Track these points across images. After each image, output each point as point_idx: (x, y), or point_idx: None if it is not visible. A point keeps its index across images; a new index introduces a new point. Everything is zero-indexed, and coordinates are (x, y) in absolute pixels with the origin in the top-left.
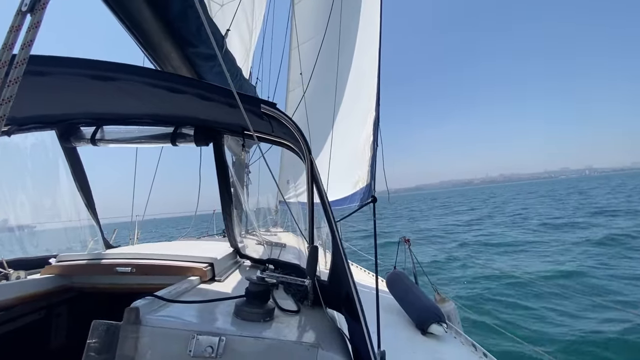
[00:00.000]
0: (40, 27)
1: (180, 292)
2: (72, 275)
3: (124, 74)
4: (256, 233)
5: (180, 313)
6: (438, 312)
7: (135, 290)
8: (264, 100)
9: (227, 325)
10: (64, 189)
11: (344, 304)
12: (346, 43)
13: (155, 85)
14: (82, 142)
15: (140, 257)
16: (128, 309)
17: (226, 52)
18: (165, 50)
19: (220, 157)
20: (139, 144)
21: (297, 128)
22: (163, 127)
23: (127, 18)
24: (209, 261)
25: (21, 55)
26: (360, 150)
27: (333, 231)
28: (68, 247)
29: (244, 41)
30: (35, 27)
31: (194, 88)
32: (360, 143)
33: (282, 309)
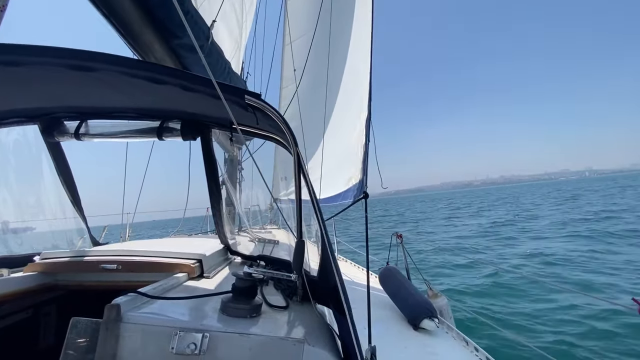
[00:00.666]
0: (5, 11)
1: (166, 288)
2: (57, 273)
3: (102, 64)
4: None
5: (164, 310)
6: (430, 307)
7: (122, 287)
8: (248, 91)
9: (212, 322)
10: (49, 185)
11: (332, 300)
12: (338, 40)
13: (134, 75)
14: (66, 137)
15: (127, 254)
16: (109, 305)
17: (212, 43)
18: (147, 41)
19: (208, 152)
20: (124, 138)
21: (282, 119)
22: (149, 121)
23: (106, 6)
24: (198, 257)
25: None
26: (353, 147)
27: (321, 226)
28: (54, 245)
29: (233, 35)
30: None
31: (176, 78)
32: (352, 140)
33: (270, 305)
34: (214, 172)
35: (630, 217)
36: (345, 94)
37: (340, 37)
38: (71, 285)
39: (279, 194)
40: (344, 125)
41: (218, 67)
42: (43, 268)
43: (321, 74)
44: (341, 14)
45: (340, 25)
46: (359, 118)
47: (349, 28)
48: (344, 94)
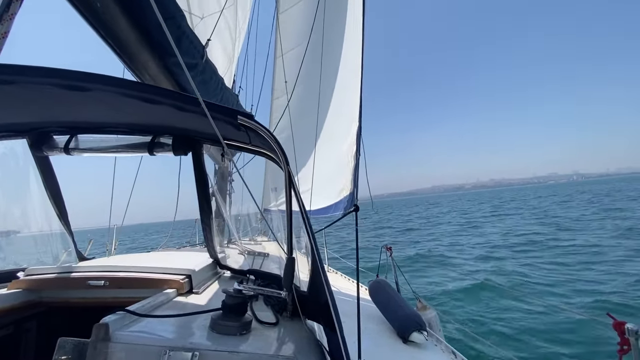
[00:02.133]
0: (7, 37)
1: (154, 305)
2: (42, 290)
3: (95, 84)
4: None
5: (153, 328)
6: (419, 320)
7: (109, 304)
8: (241, 112)
9: (201, 340)
10: (35, 200)
11: (322, 315)
12: (330, 53)
13: (127, 95)
14: (55, 151)
15: (114, 270)
16: (97, 325)
17: (207, 61)
18: (142, 60)
19: (199, 167)
20: (114, 153)
21: (274, 139)
22: (140, 136)
23: (103, 28)
24: (187, 273)
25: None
26: (344, 159)
27: (311, 240)
28: (39, 260)
29: (226, 51)
30: (3, 37)
31: (168, 98)
32: (344, 151)
33: (260, 321)
34: (204, 187)
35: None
36: (336, 106)
37: (331, 50)
38: (56, 302)
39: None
40: (335, 137)
41: (212, 83)
42: (28, 285)
43: (312, 85)
44: (333, 27)
45: (332, 38)
46: (350, 130)
47: (340, 40)
48: (335, 105)
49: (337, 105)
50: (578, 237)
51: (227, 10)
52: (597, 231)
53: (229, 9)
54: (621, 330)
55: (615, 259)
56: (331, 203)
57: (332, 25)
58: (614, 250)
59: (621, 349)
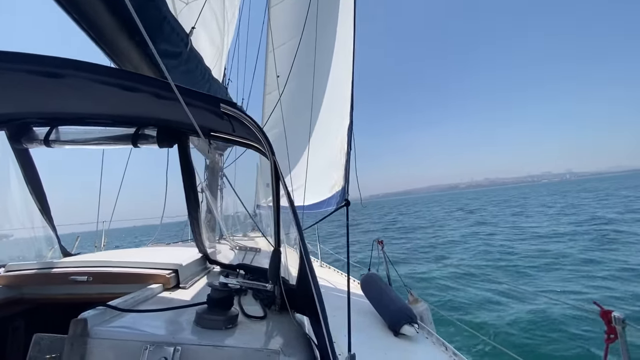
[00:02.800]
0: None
1: (138, 300)
2: (23, 286)
3: (72, 70)
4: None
5: (134, 323)
6: (410, 313)
7: (93, 300)
8: (224, 100)
9: (185, 334)
10: (15, 194)
11: (309, 308)
12: (322, 48)
13: (106, 82)
14: (35, 144)
15: (98, 265)
16: (74, 320)
17: (191, 50)
18: (122, 47)
19: (185, 159)
20: (98, 145)
21: (258, 128)
22: (124, 127)
23: (77, 12)
24: (173, 267)
25: None
26: (337, 154)
27: (299, 235)
28: (21, 257)
29: (214, 41)
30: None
31: (149, 86)
32: (336, 147)
33: (247, 315)
34: (191, 179)
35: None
36: (329, 101)
37: (323, 46)
38: (39, 299)
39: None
40: (327, 132)
41: (197, 73)
42: (7, 281)
43: (305, 80)
44: (324, 22)
45: (323, 34)
46: (342, 125)
47: (332, 36)
48: (327, 100)
49: (330, 101)
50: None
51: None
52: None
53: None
54: (608, 319)
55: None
56: (324, 198)
57: (323, 21)
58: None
59: (608, 338)
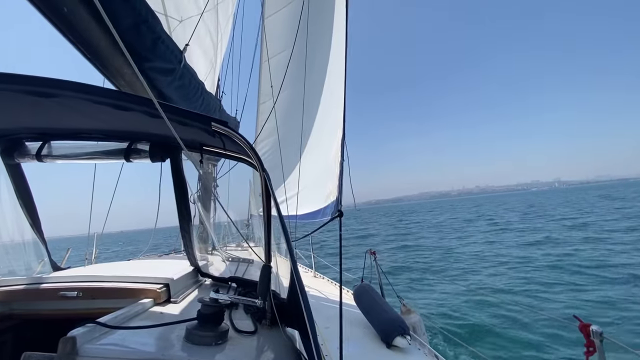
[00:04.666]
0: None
1: (128, 316)
2: (12, 302)
3: (66, 91)
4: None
5: (124, 340)
6: (402, 325)
7: (82, 316)
8: (214, 119)
9: (175, 351)
10: (6, 208)
11: (298, 322)
12: (315, 58)
13: (100, 102)
14: (27, 158)
15: (88, 280)
16: (63, 338)
17: (185, 66)
18: (116, 65)
19: (177, 173)
20: (90, 160)
21: (249, 146)
22: (116, 142)
23: (71, 33)
24: (164, 282)
25: None
26: (331, 164)
27: (289, 249)
28: (10, 271)
29: (207, 55)
30: None
31: (140, 105)
32: (330, 156)
33: (238, 330)
34: (183, 193)
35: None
36: (323, 111)
37: (316, 56)
38: (28, 315)
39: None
40: (321, 142)
41: (191, 88)
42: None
43: (298, 90)
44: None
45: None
46: (336, 135)
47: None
48: (321, 110)
49: (324, 111)
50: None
51: (207, 14)
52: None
53: (209, 12)
54: (587, 332)
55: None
56: (319, 208)
57: (316, 32)
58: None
59: (587, 351)
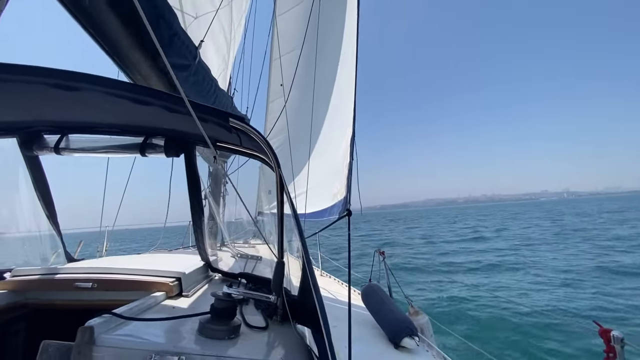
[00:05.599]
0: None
1: (142, 308)
2: (27, 291)
3: (86, 84)
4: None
5: (139, 331)
6: (410, 326)
7: (96, 307)
8: (232, 114)
9: (189, 344)
10: (24, 200)
11: (311, 320)
12: (326, 57)
13: (117, 95)
14: (45, 151)
15: (102, 272)
16: (82, 328)
17: (199, 62)
18: (134, 60)
19: (191, 169)
20: (106, 153)
21: (265, 142)
22: (132, 137)
23: (92, 27)
24: (176, 275)
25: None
26: (340, 163)
27: (302, 245)
28: (26, 261)
29: (220, 52)
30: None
31: (157, 99)
32: (339, 155)
33: (250, 326)
34: (196, 189)
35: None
36: (332, 110)
37: (327, 55)
38: (42, 304)
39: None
40: (330, 141)
41: (205, 84)
42: (14, 286)
43: (308, 89)
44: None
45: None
46: (345, 134)
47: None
48: (331, 109)
49: (333, 110)
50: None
51: (222, 10)
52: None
53: (224, 9)
54: (607, 338)
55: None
56: (326, 207)
57: (328, 30)
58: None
59: (607, 357)
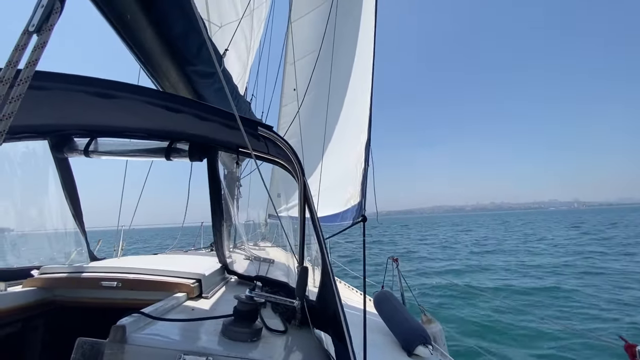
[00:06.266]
0: (45, 47)
1: (166, 309)
2: (55, 289)
3: (125, 92)
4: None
5: (166, 331)
6: (424, 334)
7: (120, 305)
8: (262, 123)
9: (214, 345)
10: (52, 199)
11: (331, 325)
12: (340, 62)
13: (154, 104)
14: (75, 153)
15: (127, 272)
16: (114, 326)
17: (223, 70)
18: (164, 68)
19: (213, 173)
20: (132, 157)
21: (292, 150)
22: (158, 141)
23: (130, 38)
24: (197, 277)
25: (25, 73)
26: (353, 168)
27: (322, 251)
28: (51, 258)
29: (241, 59)
30: (41, 47)
31: (194, 109)
32: (352, 160)
33: (270, 329)
34: (218, 192)
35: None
36: (345, 115)
37: (341, 60)
38: (68, 302)
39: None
40: (343, 145)
41: None
42: (42, 283)
43: (322, 93)
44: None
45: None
46: (359, 139)
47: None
48: (343, 114)
49: (346, 114)
50: None
51: (244, 19)
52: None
53: (246, 18)
54: (632, 353)
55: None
56: (338, 211)
57: (343, 35)
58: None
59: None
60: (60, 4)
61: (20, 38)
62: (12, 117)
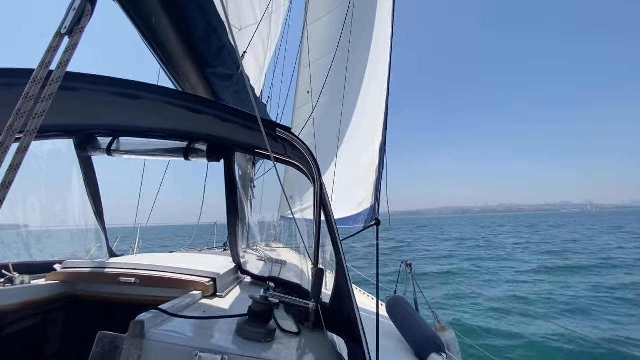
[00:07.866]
0: (77, 48)
1: (183, 306)
2: (76, 283)
3: (149, 93)
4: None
5: (183, 328)
6: (438, 341)
7: (136, 301)
8: (279, 124)
9: (228, 344)
10: (75, 196)
11: (346, 328)
12: (355, 65)
13: (176, 105)
14: (98, 152)
15: (145, 269)
16: (133, 322)
17: (241, 72)
18: (185, 70)
19: (230, 173)
20: (152, 156)
21: (309, 152)
22: (177, 141)
23: (154, 40)
24: (212, 276)
25: (57, 73)
26: (366, 171)
27: (338, 254)
28: (73, 253)
29: (258, 62)
30: (72, 49)
31: (216, 110)
32: (365, 163)
33: (283, 330)
34: (234, 193)
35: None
36: (359, 117)
37: (357, 62)
38: (88, 296)
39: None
40: (356, 148)
41: (244, 93)
42: (64, 277)
43: (336, 96)
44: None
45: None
46: (373, 141)
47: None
48: (357, 115)
49: (360, 117)
50: None
51: (262, 22)
52: None
53: (264, 21)
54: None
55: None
56: (350, 214)
57: (359, 38)
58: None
59: None
60: (91, 8)
61: (52, 40)
62: (43, 116)
